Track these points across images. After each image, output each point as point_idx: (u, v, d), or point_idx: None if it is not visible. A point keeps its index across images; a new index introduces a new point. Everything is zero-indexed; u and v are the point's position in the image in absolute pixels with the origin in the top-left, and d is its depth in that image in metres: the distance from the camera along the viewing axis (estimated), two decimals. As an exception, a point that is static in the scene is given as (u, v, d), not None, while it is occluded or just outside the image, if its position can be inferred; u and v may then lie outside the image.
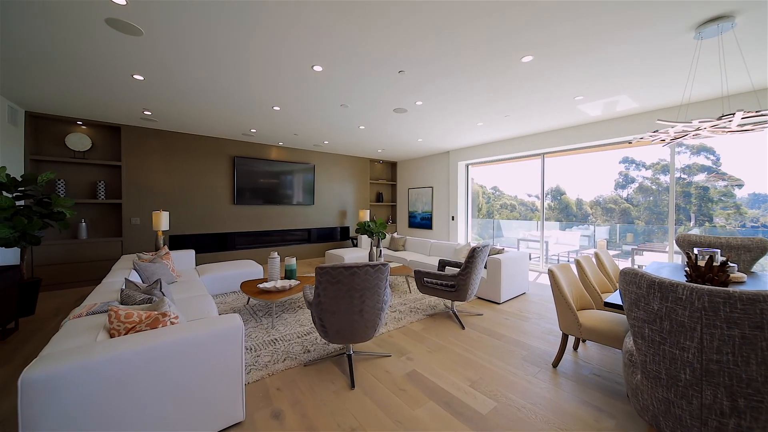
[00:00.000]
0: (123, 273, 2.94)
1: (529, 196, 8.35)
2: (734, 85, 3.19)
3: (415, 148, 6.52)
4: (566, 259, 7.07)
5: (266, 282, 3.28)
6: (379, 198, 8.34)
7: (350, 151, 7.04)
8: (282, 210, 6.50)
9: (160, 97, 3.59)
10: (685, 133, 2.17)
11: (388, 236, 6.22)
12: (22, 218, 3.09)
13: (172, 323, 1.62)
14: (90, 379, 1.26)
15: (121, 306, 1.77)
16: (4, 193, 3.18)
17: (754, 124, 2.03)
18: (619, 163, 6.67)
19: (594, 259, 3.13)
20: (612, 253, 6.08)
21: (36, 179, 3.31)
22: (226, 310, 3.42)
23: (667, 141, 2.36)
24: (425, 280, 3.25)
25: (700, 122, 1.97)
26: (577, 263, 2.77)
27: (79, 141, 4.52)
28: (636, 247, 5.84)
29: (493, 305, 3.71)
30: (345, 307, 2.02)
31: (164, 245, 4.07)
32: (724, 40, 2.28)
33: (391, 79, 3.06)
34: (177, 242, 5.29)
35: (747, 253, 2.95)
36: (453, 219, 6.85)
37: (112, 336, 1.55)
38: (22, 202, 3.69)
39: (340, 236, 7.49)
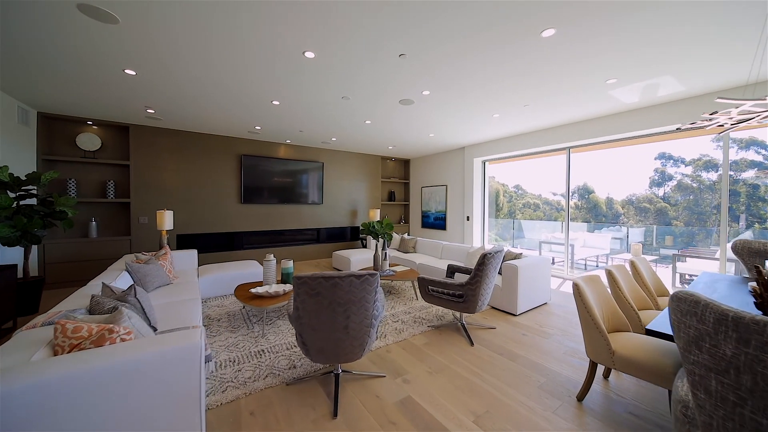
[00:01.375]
0: (116, 274, 2.84)
1: (554, 194, 7.71)
2: (813, 59, 2.60)
3: (427, 143, 6.15)
4: (595, 264, 6.44)
5: (260, 287, 3.09)
6: (391, 197, 8.04)
7: (360, 149, 6.79)
8: (290, 209, 6.37)
9: (158, 94, 3.49)
10: (754, 114, 1.71)
11: (397, 237, 5.92)
12: (21, 217, 3.09)
13: (122, 340, 1.42)
14: (7, 409, 1.07)
15: (79, 317, 1.60)
16: (8, 192, 3.19)
17: None
18: (655, 159, 5.97)
19: (629, 268, 2.67)
20: (649, 258, 5.43)
21: (40, 178, 3.31)
22: (220, 314, 3.27)
23: (727, 126, 1.89)
24: (430, 289, 2.92)
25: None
26: (609, 274, 2.34)
27: (89, 141, 4.57)
28: (678, 252, 5.15)
29: (509, 317, 3.31)
30: (327, 323, 1.75)
31: (166, 245, 4.02)
32: None
33: (392, 66, 2.75)
34: (184, 241, 5.28)
35: (830, 265, 2.38)
36: (468, 219, 6.43)
37: (55, 353, 1.38)
38: (28, 201, 3.74)
39: (351, 236, 7.27)
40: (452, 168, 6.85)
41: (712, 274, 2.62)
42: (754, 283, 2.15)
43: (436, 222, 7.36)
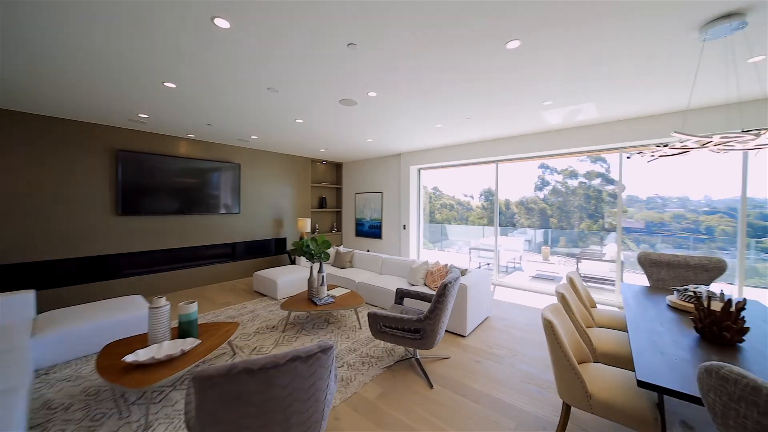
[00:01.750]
0: None
1: (465, 196, 8.74)
2: (734, 94, 3.16)
3: (364, 148, 5.75)
4: (514, 266, 7.09)
5: (142, 349, 2.14)
6: (322, 203, 7.36)
7: (287, 149, 5.94)
8: (196, 221, 5.09)
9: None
10: (684, 150, 1.84)
11: (332, 250, 5.33)
12: None
13: None
14: None
15: None
16: None
17: None
18: (538, 168, 7.50)
19: (568, 284, 2.76)
20: (553, 258, 6.19)
21: None
22: (72, 395, 2.16)
23: (668, 154, 2.02)
24: (382, 326, 2.50)
25: (720, 137, 1.61)
26: (563, 299, 2.32)
27: None
28: (578, 254, 6.02)
29: (459, 340, 3.15)
30: (255, 433, 1.13)
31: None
32: (733, 42, 2.00)
33: (338, 56, 2.22)
34: (13, 276, 3.58)
35: (705, 273, 2.89)
36: (404, 228, 6.28)
37: None
38: None
39: (276, 250, 6.31)
40: (388, 175, 6.61)
41: (631, 286, 2.92)
42: (674, 296, 2.41)
43: (371, 230, 7.02)
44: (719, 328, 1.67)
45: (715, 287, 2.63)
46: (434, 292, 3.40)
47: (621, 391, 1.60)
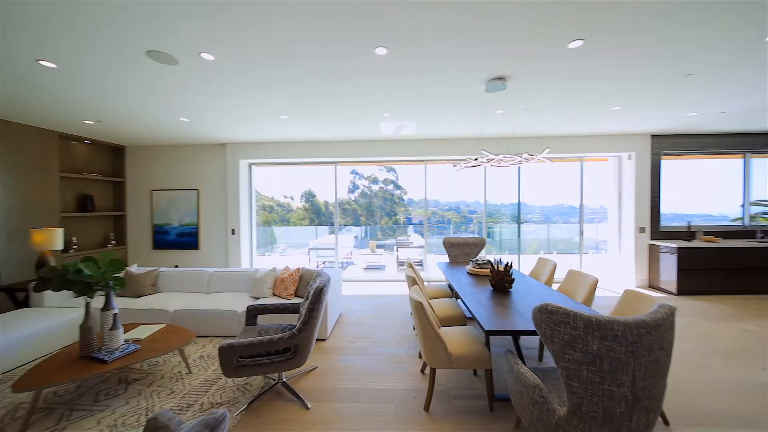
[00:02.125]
0: None
1: (286, 197, 8.97)
2: (511, 130, 4.61)
3: (171, 129, 4.29)
4: (347, 261, 7.66)
5: None
6: (84, 204, 4.81)
7: (14, 112, 3.41)
8: None
9: None
10: (490, 162, 2.69)
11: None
12: None
13: None
14: None
15: None
16: None
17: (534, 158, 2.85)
18: (350, 173, 9.07)
19: (413, 271, 3.30)
20: (379, 250, 7.27)
21: None
22: None
23: (478, 165, 2.83)
24: (241, 359, 1.94)
25: (523, 156, 2.45)
26: (414, 282, 2.73)
27: None
28: (396, 243, 7.38)
29: (321, 345, 3.01)
30: None
31: None
32: (507, 96, 3.04)
33: (155, -21, 1.48)
34: None
35: (476, 247, 4.34)
36: (234, 233, 5.26)
37: None
38: None
39: (-29, 289, 3.48)
40: (208, 168, 5.29)
41: (441, 263, 3.88)
42: (470, 266, 3.41)
43: (181, 239, 5.36)
44: (503, 281, 2.54)
45: (482, 256, 4.01)
46: (293, 301, 3.07)
47: (467, 344, 2.08)
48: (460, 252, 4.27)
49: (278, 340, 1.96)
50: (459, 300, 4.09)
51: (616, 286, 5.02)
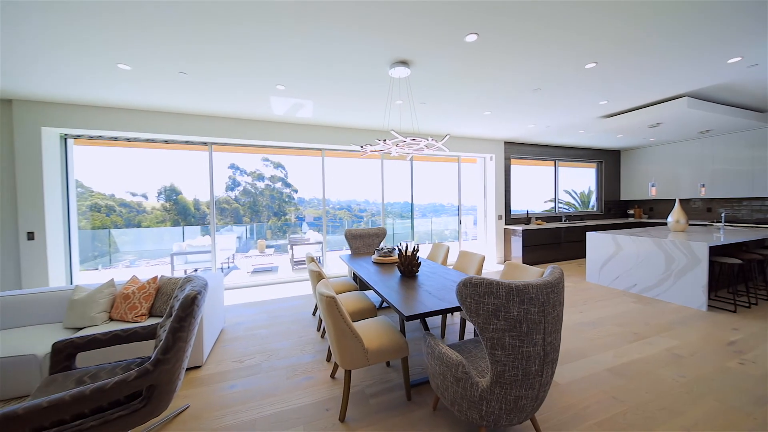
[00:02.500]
0: None
1: (135, 195, 6.94)
2: (415, 127, 4.51)
3: None
4: (228, 266, 6.45)
5: None
6: None
7: None
8: None
9: None
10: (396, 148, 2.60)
11: None
12: None
13: None
14: None
15: None
16: None
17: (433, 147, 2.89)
18: (228, 167, 8.01)
19: (315, 265, 2.94)
20: (269, 251, 6.44)
21: None
22: None
23: (385, 149, 2.70)
24: (42, 428, 1.15)
25: (411, 139, 2.41)
26: (318, 276, 2.40)
27: None
28: (290, 241, 6.67)
29: (196, 374, 2.27)
30: None
31: None
32: (407, 86, 3.00)
33: None
34: None
35: (377, 238, 4.32)
36: (32, 238, 3.48)
37: None
38: None
39: None
40: (-31, 137, 3.29)
41: (345, 257, 3.66)
42: (375, 255, 3.31)
43: None
44: (411, 266, 2.54)
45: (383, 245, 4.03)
46: (145, 324, 2.22)
47: (383, 335, 1.92)
48: (363, 243, 4.17)
49: (115, 386, 1.27)
50: (366, 292, 4.01)
51: (487, 265, 6.06)
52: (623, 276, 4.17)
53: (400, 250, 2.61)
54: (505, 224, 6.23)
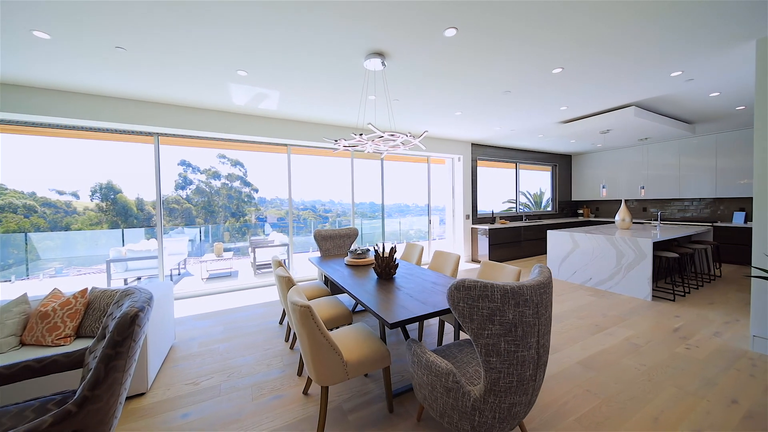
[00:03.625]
0: None
1: (61, 193, 5.98)
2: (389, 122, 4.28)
3: None
4: (179, 272, 5.80)
5: None
6: None
7: None
8: None
9: None
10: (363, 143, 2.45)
11: None
12: None
13: None
14: None
15: None
16: None
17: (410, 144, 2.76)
18: (178, 164, 7.29)
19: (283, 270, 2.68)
20: (226, 255, 5.92)
21: None
22: None
23: (358, 144, 2.53)
24: None
25: (389, 134, 2.29)
26: (288, 281, 2.17)
27: None
28: (251, 243, 6.17)
29: (137, 404, 1.91)
30: None
31: None
32: (382, 80, 2.85)
33: None
34: None
35: (348, 239, 4.14)
36: None
37: None
38: None
39: None
40: None
41: (316, 258, 3.42)
42: (348, 257, 3.13)
43: None
44: (389, 267, 2.41)
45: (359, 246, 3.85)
46: (70, 349, 1.84)
47: (363, 344, 1.77)
48: (333, 245, 3.95)
49: (21, 437, 0.96)
50: (339, 296, 3.78)
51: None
52: (580, 271, 4.46)
53: (376, 251, 2.47)
54: (473, 224, 6.40)
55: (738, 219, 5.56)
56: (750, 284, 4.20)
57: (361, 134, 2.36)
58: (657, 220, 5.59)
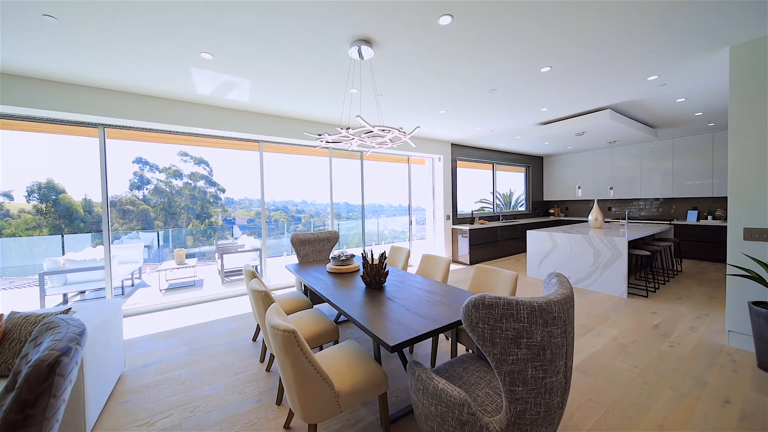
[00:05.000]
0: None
1: None
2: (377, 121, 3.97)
3: None
4: (132, 283, 5.15)
5: None
6: None
7: None
8: None
9: None
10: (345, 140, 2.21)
11: None
12: None
13: None
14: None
15: None
16: None
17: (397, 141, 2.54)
18: (133, 162, 6.62)
19: (257, 281, 2.37)
20: (191, 262, 5.36)
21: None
22: None
23: (343, 140, 2.27)
24: None
25: (379, 128, 2.06)
26: (266, 296, 1.88)
27: None
28: (218, 249, 5.63)
29: (71, 458, 1.52)
30: None
31: None
32: (368, 73, 2.61)
33: None
34: None
35: (328, 243, 3.85)
36: None
37: None
38: None
39: None
40: None
41: (294, 265, 3.11)
42: (331, 264, 2.86)
43: None
44: (379, 276, 2.19)
45: (343, 251, 3.59)
46: None
47: (355, 369, 1.54)
48: (312, 249, 3.66)
49: None
50: (320, 306, 3.49)
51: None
52: (559, 270, 4.54)
53: (364, 257, 2.24)
54: (453, 224, 6.35)
55: (691, 217, 6.01)
56: (709, 279, 4.51)
57: (348, 128, 2.11)
58: (624, 219, 5.89)
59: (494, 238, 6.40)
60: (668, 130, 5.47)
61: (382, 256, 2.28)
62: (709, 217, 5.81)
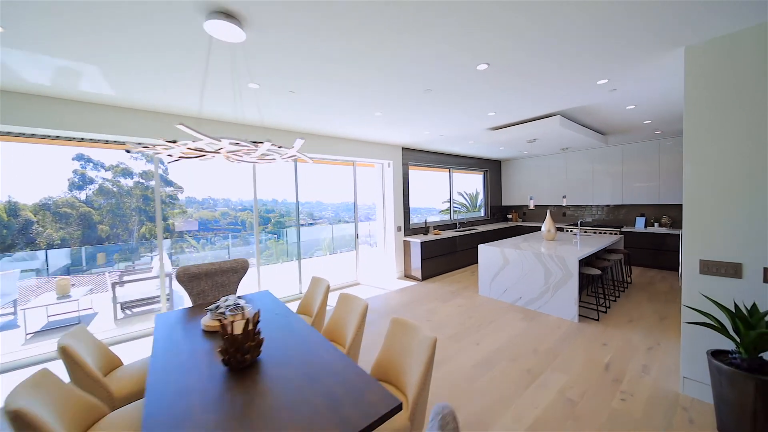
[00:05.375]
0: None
1: None
2: (240, 115, 3.19)
3: None
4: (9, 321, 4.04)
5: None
6: None
7: None
8: None
9: None
10: (203, 153, 1.51)
11: None
12: None
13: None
14: None
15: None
16: None
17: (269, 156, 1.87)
18: (73, 159, 5.78)
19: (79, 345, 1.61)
20: (82, 290, 4.33)
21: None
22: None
23: (190, 156, 1.56)
24: None
25: (230, 142, 1.39)
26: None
27: None
28: (118, 278, 4.61)
29: None
30: None
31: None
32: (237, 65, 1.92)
33: None
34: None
35: (234, 274, 3.11)
36: None
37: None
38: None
39: None
40: None
41: (166, 315, 2.35)
42: (207, 317, 2.14)
43: None
44: (242, 352, 1.54)
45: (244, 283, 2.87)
46: None
47: None
48: (212, 285, 2.91)
49: None
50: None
51: (387, 280, 5.52)
52: (510, 289, 4.17)
53: (222, 322, 1.55)
54: (405, 235, 5.84)
55: (640, 224, 6.01)
56: (658, 292, 4.37)
57: (174, 141, 1.42)
58: (576, 226, 5.73)
59: (451, 249, 5.98)
60: (618, 137, 5.34)
61: (255, 317, 1.63)
62: (656, 224, 5.82)
